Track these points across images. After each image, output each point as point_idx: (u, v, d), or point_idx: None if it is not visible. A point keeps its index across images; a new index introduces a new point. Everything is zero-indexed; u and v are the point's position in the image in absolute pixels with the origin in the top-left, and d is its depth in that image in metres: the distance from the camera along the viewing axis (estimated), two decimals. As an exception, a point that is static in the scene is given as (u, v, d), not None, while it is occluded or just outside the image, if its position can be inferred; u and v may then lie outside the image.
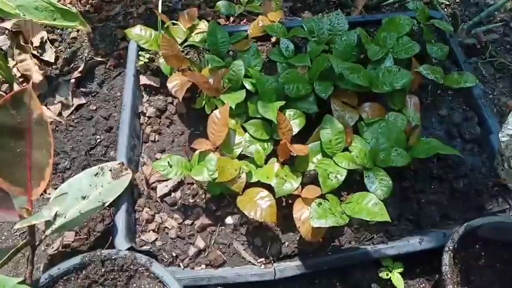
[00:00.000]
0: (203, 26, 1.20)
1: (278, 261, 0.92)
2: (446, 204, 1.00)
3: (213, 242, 0.95)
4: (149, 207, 0.98)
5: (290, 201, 0.94)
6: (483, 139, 1.10)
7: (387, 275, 0.93)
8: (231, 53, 1.17)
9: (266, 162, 0.96)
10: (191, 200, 0.99)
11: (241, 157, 0.97)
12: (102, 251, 0.80)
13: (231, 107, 0.97)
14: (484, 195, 1.02)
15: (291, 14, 1.38)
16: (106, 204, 0.86)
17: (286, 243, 0.94)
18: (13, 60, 1.22)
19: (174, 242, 0.95)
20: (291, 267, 0.89)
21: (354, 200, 0.88)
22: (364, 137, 0.98)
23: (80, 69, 1.23)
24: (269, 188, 0.90)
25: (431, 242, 0.92)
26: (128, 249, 0.85)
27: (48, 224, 0.75)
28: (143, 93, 1.16)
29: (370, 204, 0.86)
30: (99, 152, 1.11)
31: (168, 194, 1.00)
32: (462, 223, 0.87)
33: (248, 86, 1.03)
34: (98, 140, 1.13)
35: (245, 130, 0.99)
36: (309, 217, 0.83)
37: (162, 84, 1.14)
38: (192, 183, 1.01)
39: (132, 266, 0.79)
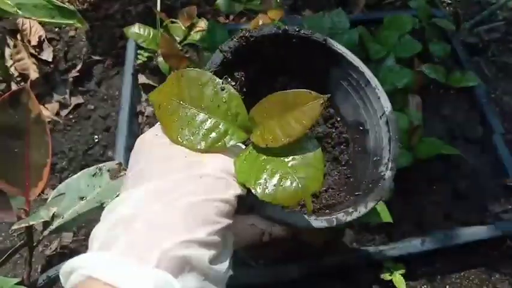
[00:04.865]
0: (202, 24, 1.19)
1: (278, 262, 0.92)
2: (449, 205, 0.99)
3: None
4: (148, 208, 0.97)
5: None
6: (486, 139, 1.09)
7: (389, 276, 0.92)
8: (230, 51, 1.15)
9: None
10: (191, 201, 0.98)
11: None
12: (101, 253, 0.79)
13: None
14: (487, 196, 1.01)
15: (292, 12, 1.36)
16: (104, 205, 0.84)
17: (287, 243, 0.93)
18: (11, 59, 1.21)
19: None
20: (291, 268, 0.88)
21: (355, 200, 0.87)
22: (366, 137, 0.97)
23: (78, 68, 1.21)
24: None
25: (434, 243, 0.91)
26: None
27: (46, 224, 0.74)
28: (142, 92, 1.15)
29: (372, 205, 0.85)
30: (97, 152, 1.10)
31: (167, 194, 0.99)
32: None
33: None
34: (96, 140, 1.12)
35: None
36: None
37: (161, 83, 1.13)
38: (192, 184, 1.00)
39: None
